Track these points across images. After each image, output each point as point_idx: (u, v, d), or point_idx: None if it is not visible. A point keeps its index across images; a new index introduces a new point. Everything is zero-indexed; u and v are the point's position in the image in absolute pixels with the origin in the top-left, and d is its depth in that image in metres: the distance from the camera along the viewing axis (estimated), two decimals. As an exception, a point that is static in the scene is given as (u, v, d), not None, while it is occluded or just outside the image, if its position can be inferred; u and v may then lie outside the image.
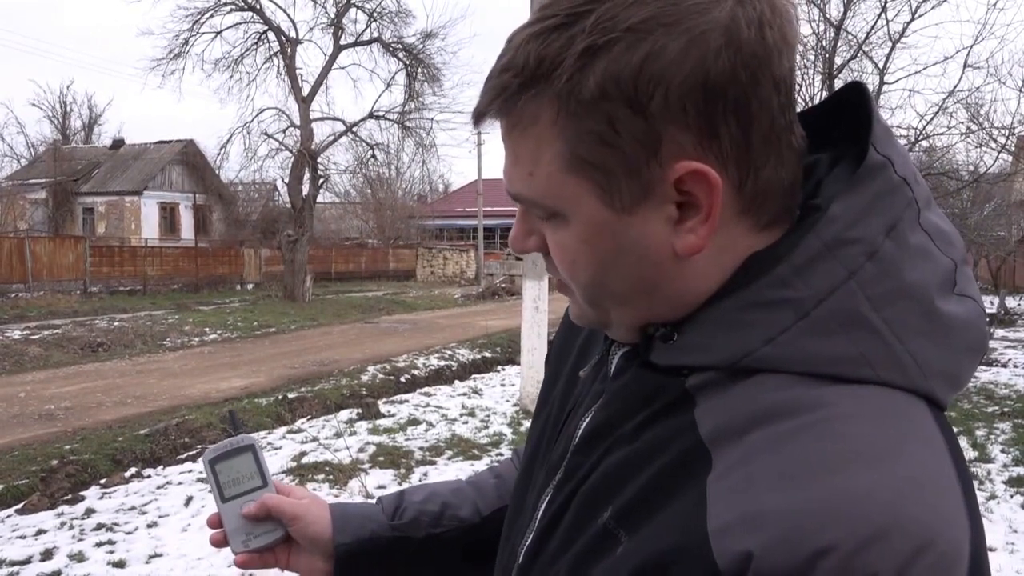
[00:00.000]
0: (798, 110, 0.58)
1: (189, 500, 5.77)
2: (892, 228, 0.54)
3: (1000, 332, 15.48)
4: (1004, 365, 12.22)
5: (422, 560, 0.93)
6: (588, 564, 0.58)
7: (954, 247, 0.58)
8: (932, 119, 9.97)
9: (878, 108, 0.59)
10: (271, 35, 22.75)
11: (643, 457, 0.57)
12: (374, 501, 0.96)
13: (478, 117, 0.58)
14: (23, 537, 5.09)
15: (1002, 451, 7.11)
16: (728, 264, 0.57)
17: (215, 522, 0.87)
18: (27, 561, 4.70)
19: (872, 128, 0.57)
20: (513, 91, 0.55)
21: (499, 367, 12.50)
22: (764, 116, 0.54)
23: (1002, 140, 10.45)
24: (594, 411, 0.66)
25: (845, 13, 10.06)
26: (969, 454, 6.99)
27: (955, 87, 9.84)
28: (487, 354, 13.13)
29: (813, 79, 10.25)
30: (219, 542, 0.87)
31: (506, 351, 13.31)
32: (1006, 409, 8.85)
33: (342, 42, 23.29)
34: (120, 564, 4.68)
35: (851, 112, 0.61)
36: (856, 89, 0.61)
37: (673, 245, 0.56)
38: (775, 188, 0.56)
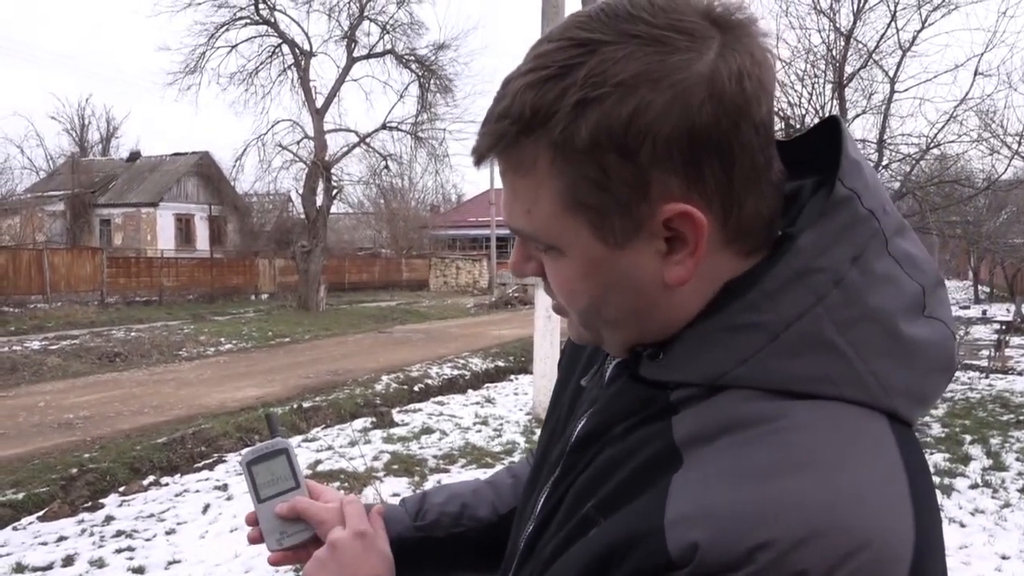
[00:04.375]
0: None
1: (206, 508, 5.85)
2: (857, 257, 0.58)
3: (1016, 340, 15.36)
4: (1020, 373, 12.13)
5: (444, 558, 0.98)
6: (569, 545, 0.64)
7: (923, 272, 0.61)
8: (943, 127, 9.97)
9: (852, 141, 0.63)
10: (285, 48, 23.04)
11: (626, 455, 0.63)
12: (398, 502, 1.02)
13: (479, 159, 0.63)
14: (44, 544, 5.18)
15: (1017, 459, 7.07)
16: (710, 290, 0.62)
17: (252, 520, 0.92)
18: (49, 567, 4.79)
19: (840, 163, 0.61)
20: (511, 138, 0.59)
21: (512, 376, 12.55)
22: (745, 158, 0.58)
23: (1015, 147, 10.41)
24: (588, 415, 0.71)
25: (855, 22, 10.09)
26: (983, 462, 6.98)
27: (966, 95, 9.84)
28: (500, 363, 13.17)
29: (823, 88, 10.27)
30: (256, 539, 0.92)
31: (519, 360, 13.35)
32: (1021, 418, 8.79)
33: (355, 54, 23.52)
34: (140, 570, 4.75)
35: (834, 139, 0.65)
36: (831, 122, 0.66)
37: (662, 276, 0.60)
38: (756, 221, 0.60)
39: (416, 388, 10.77)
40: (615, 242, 0.60)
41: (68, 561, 4.87)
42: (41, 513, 5.77)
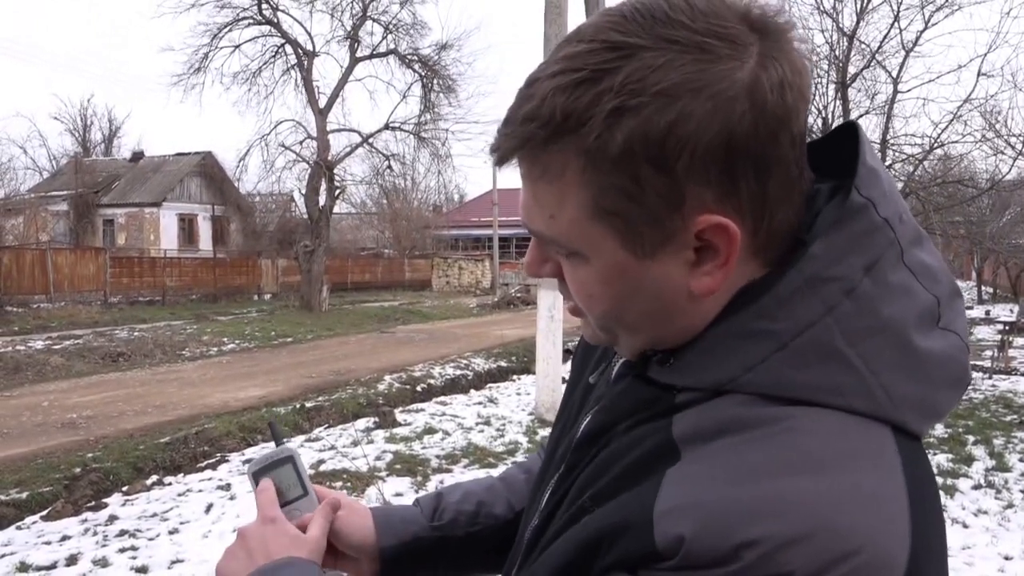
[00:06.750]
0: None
1: (209, 507, 5.85)
2: (871, 267, 0.57)
3: (1019, 340, 15.32)
4: (1023, 374, 12.11)
5: (461, 556, 0.98)
6: (563, 532, 0.64)
7: (939, 283, 0.60)
8: (947, 127, 9.97)
9: (871, 148, 0.62)
10: (288, 48, 23.09)
11: (625, 450, 0.63)
12: (412, 503, 1.01)
13: (501, 160, 0.60)
14: (48, 543, 5.19)
15: (1020, 460, 7.07)
16: (729, 297, 0.61)
17: None
18: (52, 566, 4.80)
19: (857, 171, 0.60)
20: (539, 142, 0.57)
21: (514, 376, 12.54)
22: (780, 170, 0.57)
23: (1019, 147, 10.40)
24: (593, 413, 0.71)
25: (858, 22, 10.09)
26: (987, 463, 6.98)
27: (970, 95, 9.83)
28: (502, 363, 13.17)
29: (827, 88, 10.27)
30: None
31: (521, 360, 13.35)
32: (1025, 418, 8.79)
33: (358, 54, 23.57)
34: (143, 570, 4.76)
35: (851, 144, 0.63)
36: (849, 128, 0.64)
37: (688, 286, 0.59)
38: (784, 230, 0.60)
39: (419, 388, 10.78)
40: (643, 252, 0.58)
41: (71, 560, 4.88)
42: (45, 512, 5.78)
